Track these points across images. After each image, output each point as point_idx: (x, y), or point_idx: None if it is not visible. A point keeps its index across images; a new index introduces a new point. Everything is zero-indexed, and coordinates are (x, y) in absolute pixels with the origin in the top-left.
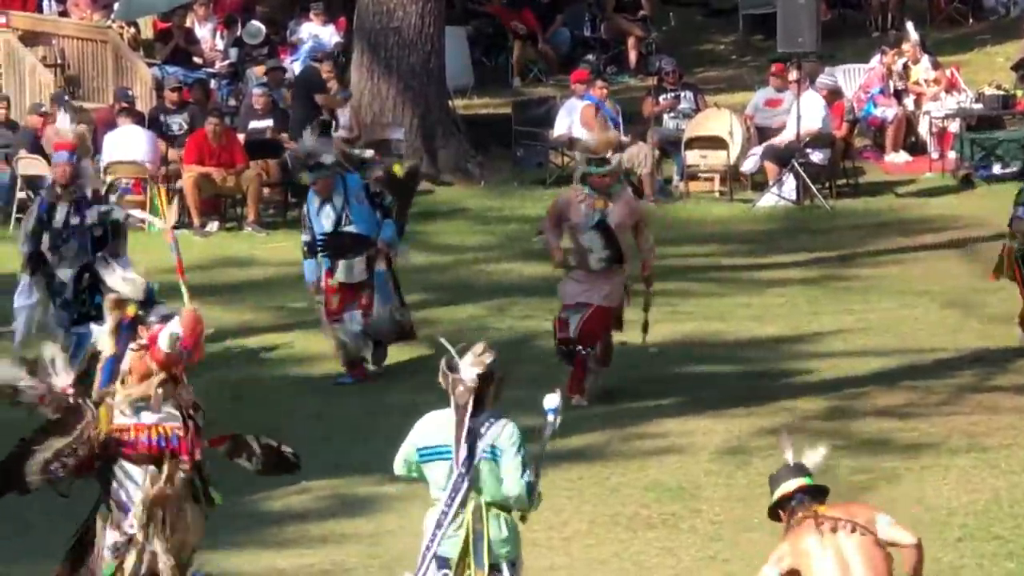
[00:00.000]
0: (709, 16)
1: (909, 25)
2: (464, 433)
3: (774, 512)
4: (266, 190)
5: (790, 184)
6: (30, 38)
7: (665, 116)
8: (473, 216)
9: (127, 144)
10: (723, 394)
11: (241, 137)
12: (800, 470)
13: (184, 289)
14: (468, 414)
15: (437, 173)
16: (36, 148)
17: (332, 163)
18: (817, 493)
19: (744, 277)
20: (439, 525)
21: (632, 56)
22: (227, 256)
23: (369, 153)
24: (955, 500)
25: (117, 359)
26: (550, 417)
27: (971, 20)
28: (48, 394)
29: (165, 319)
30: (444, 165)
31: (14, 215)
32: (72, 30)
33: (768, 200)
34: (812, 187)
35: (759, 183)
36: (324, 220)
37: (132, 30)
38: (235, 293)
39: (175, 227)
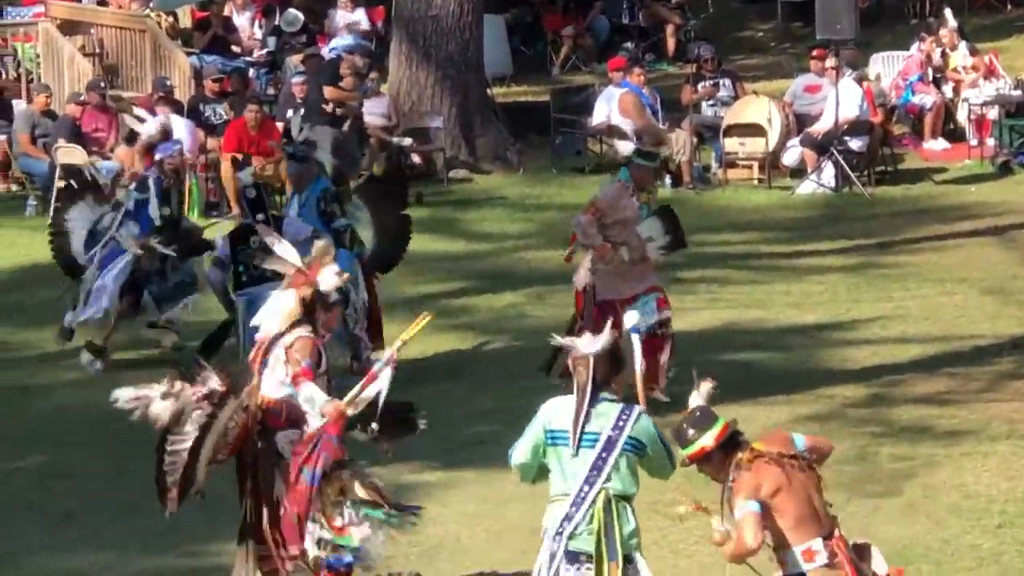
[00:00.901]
0: (747, 3)
1: (947, 12)
2: (583, 415)
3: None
4: None
5: (829, 171)
6: (68, 27)
7: (703, 104)
8: (512, 204)
9: None
10: (762, 382)
11: (280, 125)
12: (707, 416)
13: None
14: (588, 396)
15: (476, 161)
16: (75, 137)
17: (309, 157)
18: (737, 433)
19: (783, 264)
20: (568, 518)
21: (670, 44)
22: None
23: (407, 141)
24: (994, 487)
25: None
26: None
27: (1009, 6)
28: (206, 398)
29: None
30: (483, 153)
31: (53, 203)
32: (110, 19)
33: (807, 187)
34: (851, 174)
35: (798, 170)
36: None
37: (170, 19)
38: None
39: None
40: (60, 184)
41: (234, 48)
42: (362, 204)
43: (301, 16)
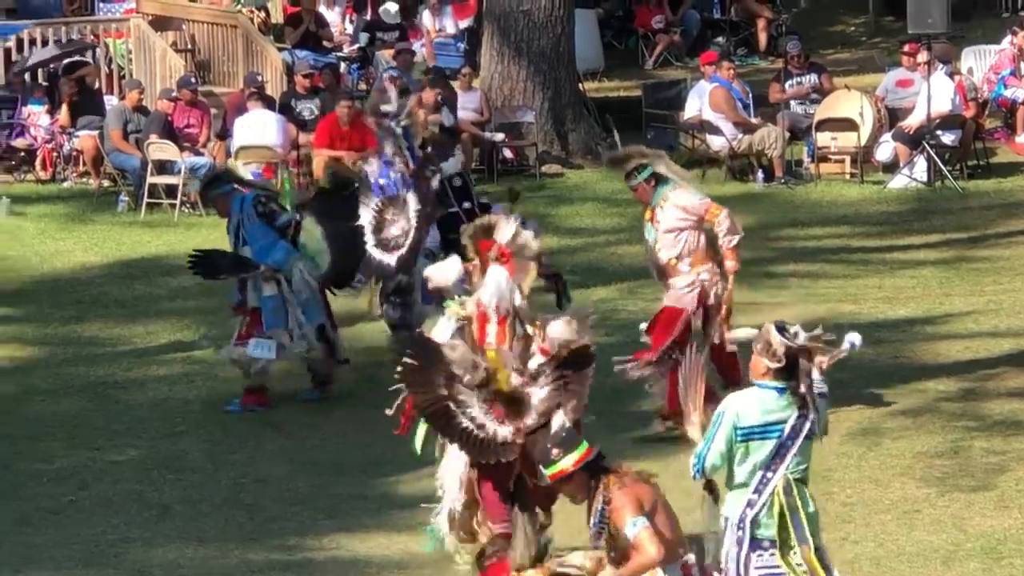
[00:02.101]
0: None
1: None
2: (810, 405)
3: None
4: None
5: (921, 165)
6: (160, 23)
7: (792, 100)
8: (603, 199)
9: (258, 129)
10: (855, 376)
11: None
12: (571, 439)
13: None
14: (812, 383)
15: (567, 156)
16: (167, 133)
17: (225, 179)
18: (599, 459)
19: (875, 259)
20: (750, 505)
21: (762, 38)
22: None
23: (500, 136)
24: None
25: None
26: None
27: None
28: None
29: None
30: (574, 148)
31: (145, 199)
32: (202, 15)
33: (899, 181)
34: (943, 168)
35: (890, 165)
36: (231, 238)
37: (262, 14)
38: None
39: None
40: (152, 180)
41: (325, 43)
42: (313, 220)
43: (396, 6)
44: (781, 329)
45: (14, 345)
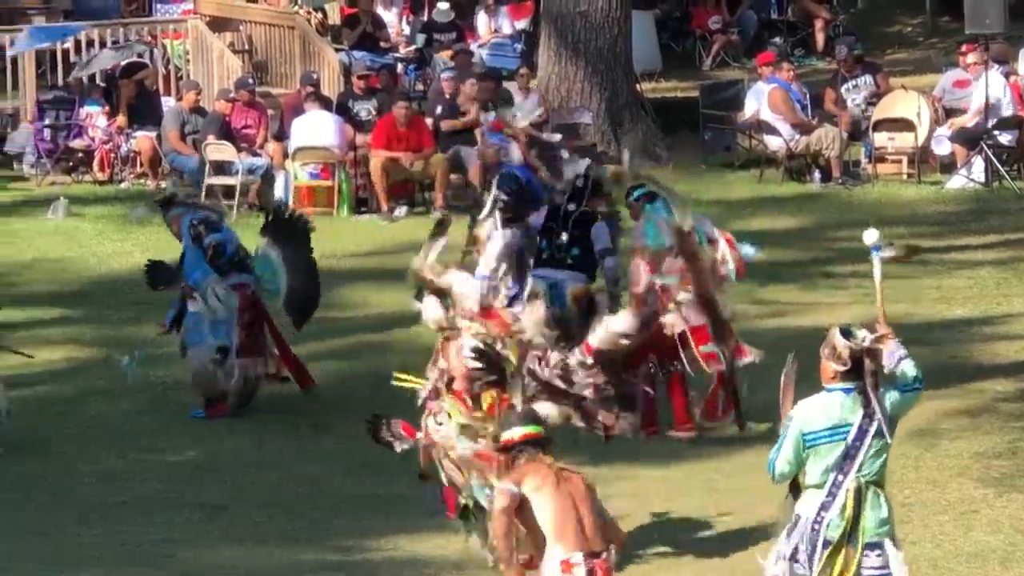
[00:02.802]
0: None
1: None
2: (874, 404)
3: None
4: (454, 175)
5: (979, 166)
6: (218, 24)
7: (849, 101)
8: None
9: (315, 130)
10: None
11: (429, 122)
12: (529, 418)
13: None
14: (877, 382)
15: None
16: (224, 134)
17: (177, 201)
18: (543, 443)
19: (932, 259)
20: (824, 507)
21: (819, 39)
22: (415, 241)
23: (557, 137)
24: None
25: None
26: (875, 256)
27: None
28: None
29: None
30: (631, 149)
31: (203, 200)
32: (260, 16)
33: (957, 182)
34: (1000, 169)
35: (948, 165)
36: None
37: (319, 15)
38: None
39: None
40: (209, 181)
41: (382, 44)
42: (272, 245)
43: (447, 5)
44: (846, 332)
45: (71, 346)
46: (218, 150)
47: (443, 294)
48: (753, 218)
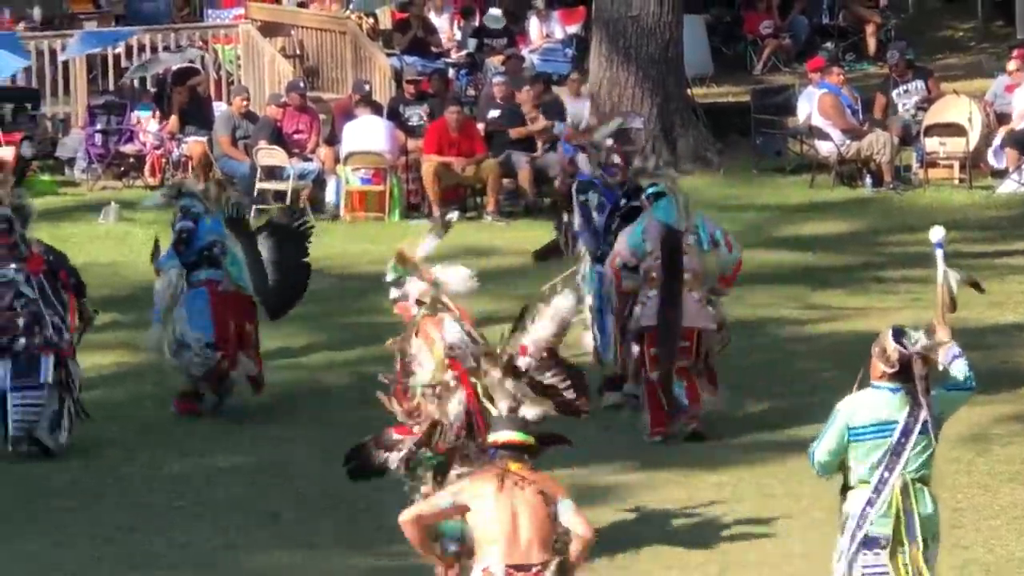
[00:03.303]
0: (948, 2)
1: None
2: (922, 404)
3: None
4: (505, 180)
5: None
6: (269, 29)
7: (900, 106)
8: (712, 204)
9: (367, 134)
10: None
11: (480, 127)
12: (516, 423)
13: None
14: (927, 386)
15: (676, 162)
16: (276, 139)
17: (184, 192)
18: (519, 451)
19: (984, 264)
20: (870, 503)
21: (870, 43)
22: (467, 245)
23: (609, 142)
24: None
25: None
26: (938, 252)
27: None
28: None
29: None
30: (683, 154)
31: (254, 206)
32: (311, 21)
33: (1008, 187)
34: None
35: (999, 170)
36: None
37: (370, 20)
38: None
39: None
40: (261, 185)
41: (434, 49)
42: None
43: (499, 11)
44: (898, 334)
45: (124, 351)
46: (269, 155)
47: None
48: (804, 223)
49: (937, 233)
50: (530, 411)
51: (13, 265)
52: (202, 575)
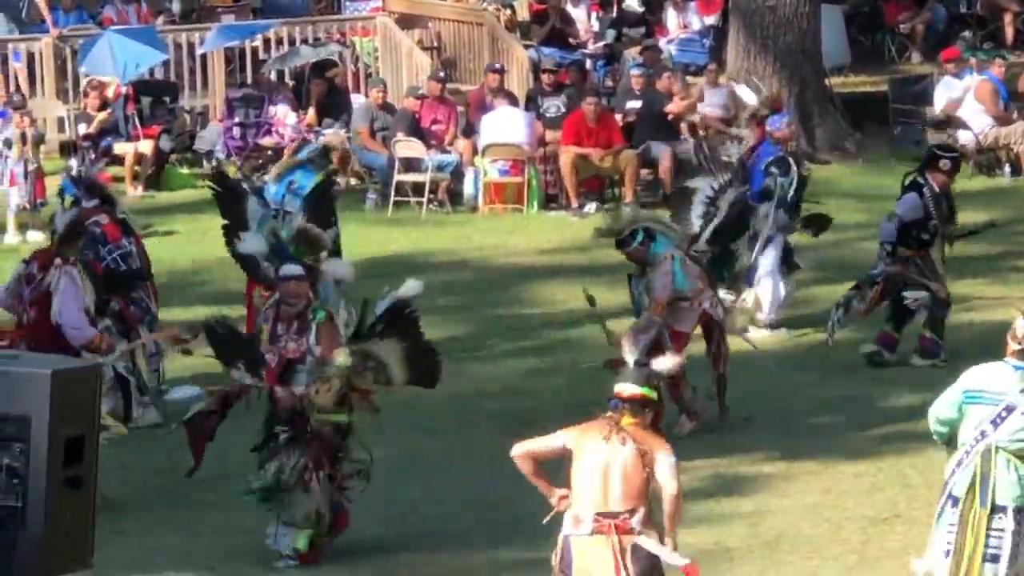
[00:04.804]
0: None
1: None
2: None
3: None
4: (644, 170)
5: None
6: (406, 21)
7: None
8: (850, 194)
9: (505, 126)
10: None
11: (618, 118)
12: (643, 377)
13: None
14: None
15: (814, 151)
16: (414, 131)
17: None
18: (639, 406)
19: None
20: (958, 464)
21: (1008, 32)
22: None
23: (746, 132)
24: None
25: None
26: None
27: None
28: None
29: None
30: (821, 143)
31: (392, 197)
32: (448, 13)
33: None
34: None
35: None
36: None
37: (508, 12)
38: (614, 274)
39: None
40: (399, 177)
41: (571, 40)
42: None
43: (637, 1)
44: None
45: None
46: (407, 147)
47: None
48: None
49: None
50: (662, 363)
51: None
52: (342, 567)
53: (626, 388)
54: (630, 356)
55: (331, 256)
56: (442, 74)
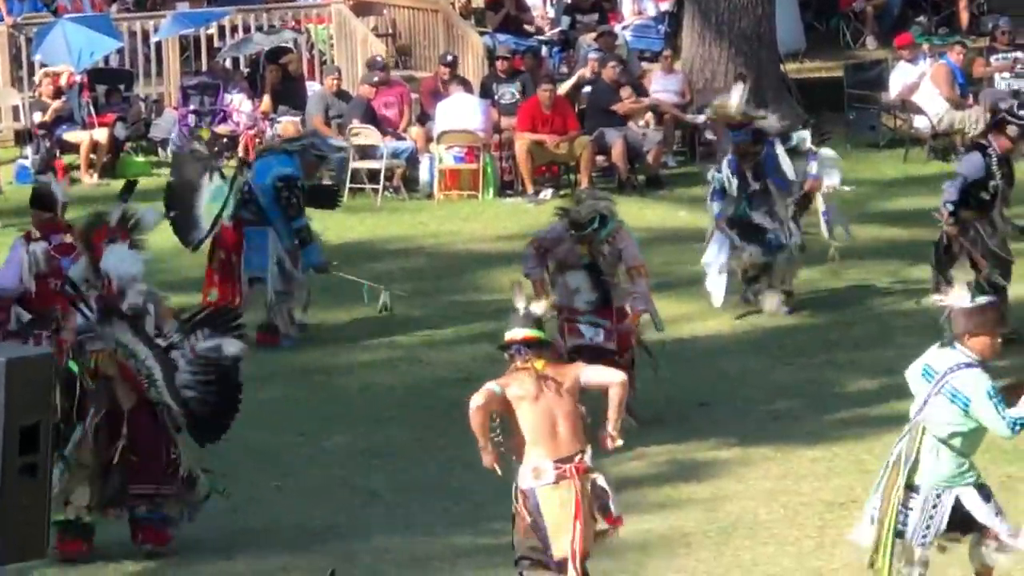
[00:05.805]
0: None
1: None
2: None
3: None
4: (599, 157)
5: None
6: (361, 8)
7: (996, 76)
8: None
9: (460, 113)
10: None
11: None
12: (530, 321)
13: None
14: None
15: None
16: (369, 118)
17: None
18: (539, 347)
19: None
20: (900, 438)
21: (963, 17)
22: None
23: (701, 118)
24: None
25: None
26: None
27: None
28: None
29: None
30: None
31: (347, 185)
32: (403, 0)
33: None
34: None
35: None
36: None
37: None
38: None
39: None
40: (354, 165)
41: (526, 27)
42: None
43: None
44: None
45: None
46: (362, 134)
47: None
48: (900, 197)
49: None
50: (538, 307)
51: None
52: (300, 556)
53: (517, 333)
54: (520, 303)
55: (303, 244)
56: (379, 59)
